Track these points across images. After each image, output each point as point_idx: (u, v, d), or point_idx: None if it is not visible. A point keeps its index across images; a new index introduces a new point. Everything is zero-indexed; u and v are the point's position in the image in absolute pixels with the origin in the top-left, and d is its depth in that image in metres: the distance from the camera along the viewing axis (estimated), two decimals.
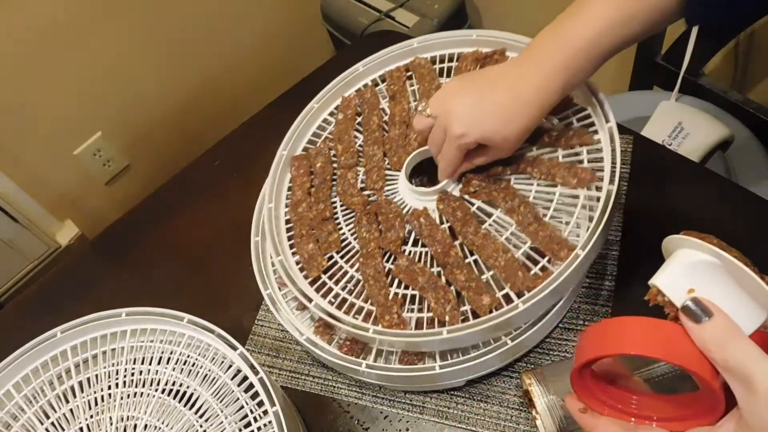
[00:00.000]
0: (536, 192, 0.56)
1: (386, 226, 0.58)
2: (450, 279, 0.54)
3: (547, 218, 0.54)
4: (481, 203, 0.57)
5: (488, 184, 0.57)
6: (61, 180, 1.38)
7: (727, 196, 0.66)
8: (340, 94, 0.71)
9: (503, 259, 0.52)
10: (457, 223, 0.56)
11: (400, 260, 0.56)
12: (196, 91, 1.51)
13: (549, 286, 0.48)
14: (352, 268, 0.58)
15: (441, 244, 0.55)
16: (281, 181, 0.67)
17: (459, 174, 0.58)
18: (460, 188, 0.58)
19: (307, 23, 1.67)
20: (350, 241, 0.60)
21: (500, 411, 0.56)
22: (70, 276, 0.82)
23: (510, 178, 0.58)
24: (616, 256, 0.62)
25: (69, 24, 1.24)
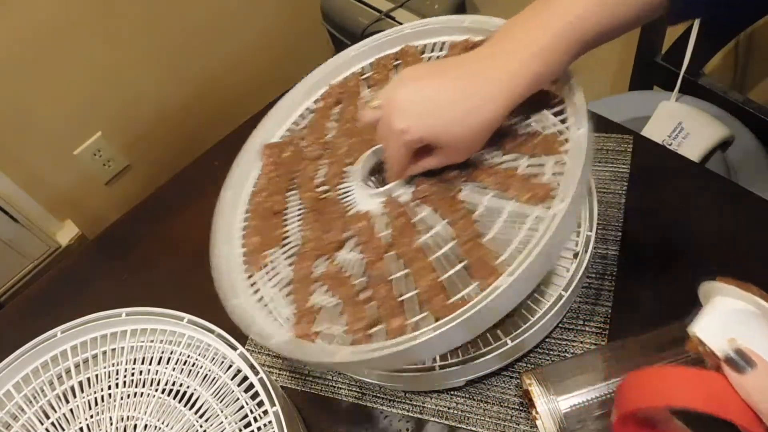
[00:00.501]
0: (487, 204, 0.48)
1: (326, 227, 0.54)
2: (373, 292, 0.49)
3: (490, 237, 0.46)
4: (429, 211, 0.50)
5: (438, 190, 0.51)
6: (61, 180, 1.38)
7: (727, 196, 0.66)
8: (328, 81, 0.68)
9: (427, 279, 0.46)
10: (396, 232, 0.50)
11: (330, 266, 0.52)
12: (196, 91, 1.51)
13: (457, 318, 0.41)
14: (289, 267, 0.54)
15: (374, 253, 0.50)
16: (253, 168, 0.64)
17: (410, 175, 0.52)
18: (412, 191, 0.52)
19: (307, 23, 1.67)
20: (297, 238, 0.56)
21: (500, 411, 0.56)
22: (70, 276, 0.82)
23: (462, 185, 0.50)
24: (616, 256, 0.62)
25: (69, 24, 1.24)
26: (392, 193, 0.53)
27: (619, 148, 0.71)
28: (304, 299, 0.51)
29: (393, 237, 0.50)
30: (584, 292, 0.61)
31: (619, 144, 0.71)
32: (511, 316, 0.57)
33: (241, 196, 0.62)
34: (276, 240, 0.57)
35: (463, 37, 0.61)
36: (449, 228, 0.48)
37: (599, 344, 0.57)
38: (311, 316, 0.50)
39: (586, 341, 0.58)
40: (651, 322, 0.51)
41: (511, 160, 0.50)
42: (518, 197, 0.47)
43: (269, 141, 0.65)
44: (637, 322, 0.57)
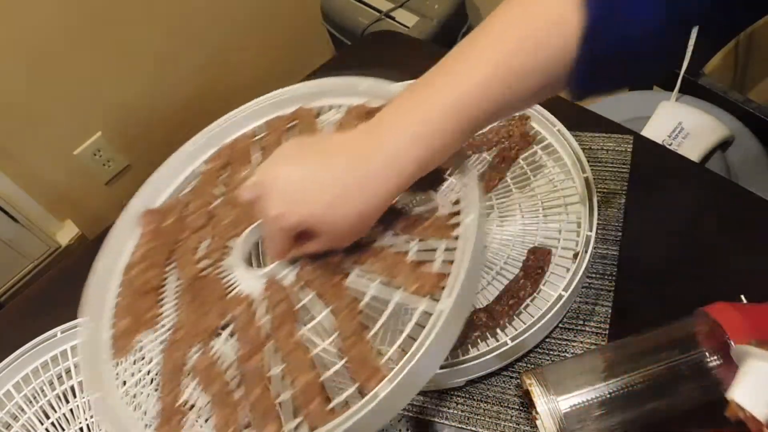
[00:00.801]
0: (374, 293, 0.43)
1: (203, 309, 0.49)
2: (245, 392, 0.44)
3: (374, 331, 0.42)
4: (313, 296, 0.46)
5: (324, 273, 0.46)
6: (61, 180, 1.39)
7: (727, 196, 0.66)
8: (219, 141, 0.62)
9: (306, 378, 0.41)
10: (275, 321, 0.45)
11: (204, 357, 0.46)
12: (196, 91, 1.51)
13: (337, 428, 0.37)
14: (161, 356, 0.49)
15: (251, 344, 0.45)
16: (131, 237, 0.57)
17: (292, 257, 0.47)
18: (296, 272, 0.47)
19: (307, 23, 1.67)
20: (173, 320, 0.50)
21: (500, 411, 0.56)
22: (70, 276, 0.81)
23: (350, 268, 0.46)
24: (616, 256, 0.62)
25: (69, 25, 1.24)
26: (275, 275, 0.48)
27: (619, 148, 0.71)
28: (173, 396, 0.45)
29: (273, 326, 0.45)
30: (584, 292, 0.61)
31: (619, 144, 0.71)
32: (512, 316, 0.57)
33: (115, 268, 0.55)
34: (149, 322, 0.50)
35: (360, 100, 0.57)
36: (333, 317, 0.44)
37: (599, 344, 0.57)
38: (179, 417, 0.44)
39: (586, 341, 0.58)
40: (651, 322, 0.52)
41: (401, 243, 0.46)
42: (406, 286, 0.42)
43: (151, 206, 0.60)
44: (637, 322, 0.57)
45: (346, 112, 0.56)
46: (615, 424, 0.49)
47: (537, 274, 0.59)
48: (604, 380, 0.49)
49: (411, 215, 0.47)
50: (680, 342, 0.49)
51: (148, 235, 0.56)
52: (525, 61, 0.38)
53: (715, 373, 0.48)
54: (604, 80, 0.41)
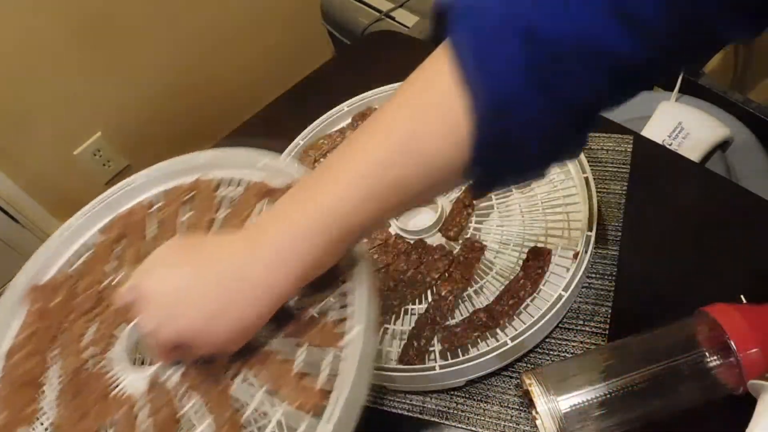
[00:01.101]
0: (257, 405, 0.41)
1: (82, 409, 0.45)
2: None
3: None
4: (197, 402, 0.43)
5: (209, 377, 0.43)
6: (61, 180, 1.39)
7: (727, 196, 0.66)
8: (115, 209, 0.58)
9: None
10: (156, 429, 0.42)
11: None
12: (195, 91, 1.51)
13: None
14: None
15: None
16: (16, 317, 0.53)
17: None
18: (181, 373, 0.44)
19: (307, 23, 1.67)
20: (51, 419, 0.46)
21: (500, 411, 0.56)
22: None
23: (236, 372, 0.43)
24: (616, 256, 0.62)
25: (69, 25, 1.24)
26: (159, 376, 0.44)
27: (619, 148, 0.71)
28: None
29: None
30: (584, 292, 0.61)
31: (619, 144, 0.71)
32: (512, 316, 0.57)
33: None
34: (28, 418, 0.46)
35: (260, 176, 0.55)
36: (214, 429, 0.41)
37: (599, 344, 0.57)
38: None
39: (586, 341, 0.58)
40: (651, 322, 0.52)
41: (290, 349, 0.43)
42: (290, 400, 0.40)
43: (39, 281, 0.55)
44: (637, 322, 0.57)
45: (245, 188, 0.55)
46: (615, 424, 0.49)
47: (537, 274, 0.59)
48: (604, 380, 0.49)
49: (302, 318, 0.44)
50: (680, 342, 0.49)
51: (33, 315, 0.52)
52: (402, 173, 0.36)
53: (715, 373, 0.48)
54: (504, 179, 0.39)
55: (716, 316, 0.48)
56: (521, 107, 0.33)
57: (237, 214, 0.53)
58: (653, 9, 0.30)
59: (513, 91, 0.33)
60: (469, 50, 0.33)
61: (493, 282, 0.61)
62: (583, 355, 0.55)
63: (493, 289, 0.60)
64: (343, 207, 0.36)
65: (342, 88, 0.82)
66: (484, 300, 0.60)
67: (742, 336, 0.47)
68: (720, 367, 0.47)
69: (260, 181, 0.54)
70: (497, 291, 0.60)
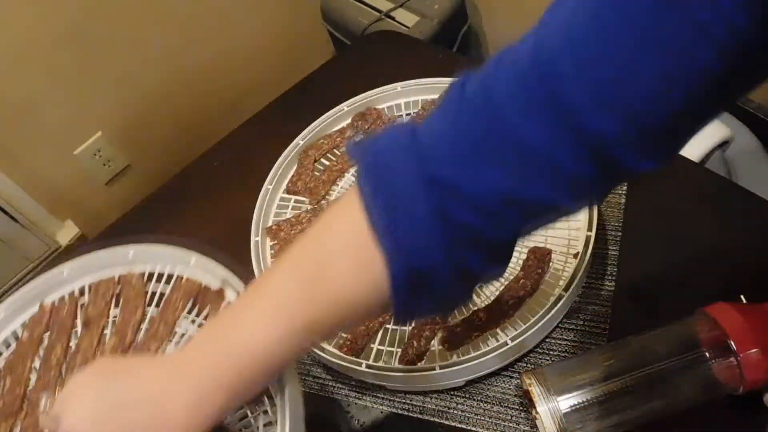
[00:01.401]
0: None
1: None
2: None
3: None
4: None
5: None
6: (61, 180, 1.38)
7: (727, 196, 0.66)
8: (41, 297, 0.57)
9: None
10: None
11: None
12: (195, 91, 1.51)
13: None
14: None
15: None
16: None
17: None
18: None
19: (307, 23, 1.67)
20: None
21: (500, 411, 0.56)
22: None
23: None
24: (616, 256, 0.62)
25: (69, 24, 1.24)
26: None
27: None
28: None
29: None
30: (584, 292, 0.61)
31: None
32: (512, 316, 0.57)
33: None
34: None
35: (191, 273, 0.55)
36: None
37: (599, 344, 0.57)
38: None
39: (586, 341, 0.58)
40: (651, 322, 0.52)
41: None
42: None
43: None
44: (637, 322, 0.57)
45: (174, 286, 0.55)
46: (615, 424, 0.49)
47: (537, 274, 0.59)
48: (604, 380, 0.49)
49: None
50: (680, 342, 0.49)
51: None
52: (315, 315, 0.36)
53: (715, 373, 0.48)
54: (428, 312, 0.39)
55: (716, 316, 0.48)
56: (436, 270, 0.33)
57: (165, 316, 0.53)
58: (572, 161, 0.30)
59: (425, 255, 0.33)
60: (376, 209, 0.33)
61: (493, 282, 0.61)
62: (583, 355, 0.55)
63: (493, 289, 0.60)
64: (262, 347, 0.36)
65: (342, 88, 0.82)
66: (484, 300, 0.60)
67: (742, 336, 0.47)
68: (720, 367, 0.47)
69: (192, 280, 0.54)
70: (497, 291, 0.60)
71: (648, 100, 0.28)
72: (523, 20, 1.53)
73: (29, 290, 0.58)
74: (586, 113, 0.28)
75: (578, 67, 0.28)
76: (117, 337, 0.53)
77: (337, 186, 0.73)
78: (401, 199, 0.33)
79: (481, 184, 0.31)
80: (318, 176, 0.74)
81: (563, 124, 0.29)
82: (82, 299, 0.58)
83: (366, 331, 0.60)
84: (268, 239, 0.68)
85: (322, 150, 0.75)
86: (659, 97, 0.28)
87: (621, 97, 0.28)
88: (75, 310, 0.57)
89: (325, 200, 0.72)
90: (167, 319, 0.54)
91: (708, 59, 0.26)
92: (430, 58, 0.92)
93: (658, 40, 0.26)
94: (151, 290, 0.57)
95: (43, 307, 0.57)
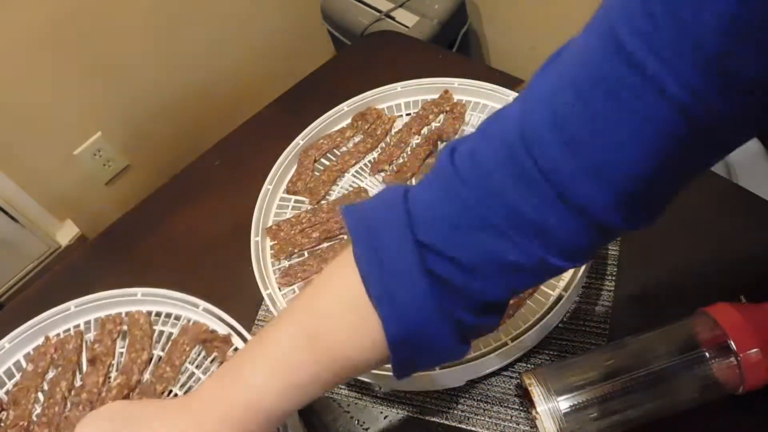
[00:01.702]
0: None
1: None
2: None
3: None
4: None
5: None
6: (61, 180, 1.39)
7: (727, 196, 0.66)
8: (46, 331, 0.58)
9: None
10: None
11: None
12: (196, 91, 1.51)
13: None
14: None
15: None
16: None
17: None
18: None
19: (307, 23, 1.67)
20: None
21: (500, 411, 0.56)
22: (70, 276, 0.82)
23: None
24: (616, 256, 0.62)
25: (69, 24, 1.24)
26: None
27: None
28: None
29: None
30: (584, 292, 0.61)
31: None
32: (511, 316, 0.57)
33: None
34: None
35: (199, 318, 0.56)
36: None
37: (599, 344, 0.57)
38: None
39: (586, 341, 0.58)
40: (651, 322, 0.52)
41: None
42: None
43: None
44: (637, 322, 0.57)
45: (182, 329, 0.56)
46: (615, 424, 0.49)
47: None
48: (604, 380, 0.49)
49: None
50: (680, 342, 0.49)
51: None
52: (315, 369, 0.37)
53: (715, 373, 0.48)
54: (426, 366, 0.40)
55: (716, 316, 0.48)
56: (431, 330, 0.35)
57: (172, 359, 0.55)
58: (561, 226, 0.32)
59: (420, 317, 0.34)
60: (371, 277, 0.35)
61: None
62: (583, 355, 0.55)
63: None
64: (263, 401, 0.37)
65: (342, 88, 0.82)
66: None
67: (742, 336, 0.47)
68: (720, 367, 0.47)
69: (199, 323, 0.56)
70: None
71: (631, 168, 0.29)
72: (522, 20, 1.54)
73: (34, 323, 0.59)
74: (573, 184, 0.30)
75: (563, 143, 0.30)
76: (124, 376, 0.54)
77: (337, 186, 0.73)
78: (393, 263, 0.34)
79: (470, 249, 0.33)
80: (318, 176, 0.74)
81: (551, 193, 0.31)
82: (88, 334, 0.59)
83: None
84: (268, 239, 0.68)
85: (322, 150, 0.75)
86: (641, 165, 0.29)
87: (606, 168, 0.29)
88: (81, 344, 0.58)
89: (325, 200, 0.72)
90: (174, 362, 0.55)
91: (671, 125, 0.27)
92: (430, 58, 0.92)
93: (633, 110, 0.28)
94: (158, 330, 0.58)
95: (49, 339, 0.58)
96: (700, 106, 0.26)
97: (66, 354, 0.57)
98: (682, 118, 0.27)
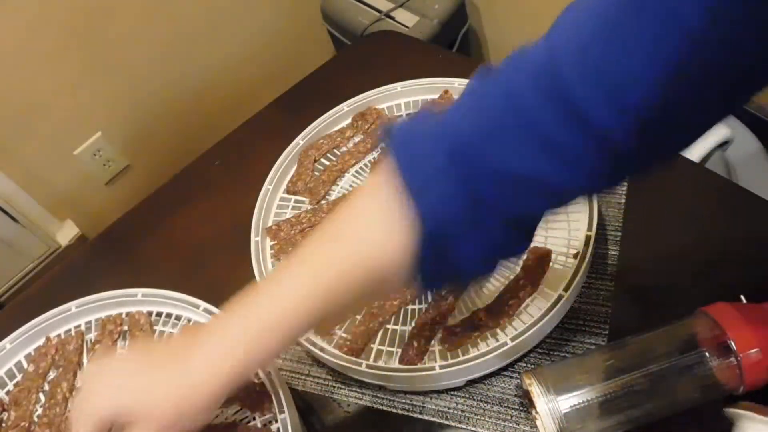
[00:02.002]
0: None
1: None
2: None
3: None
4: None
5: None
6: (61, 180, 1.39)
7: (727, 196, 0.66)
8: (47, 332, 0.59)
9: None
10: None
11: None
12: (196, 91, 1.51)
13: None
14: None
15: None
16: None
17: None
18: None
19: (307, 23, 1.67)
20: None
21: (500, 411, 0.56)
22: (70, 276, 0.82)
23: None
24: (616, 256, 0.62)
25: (69, 24, 1.24)
26: None
27: None
28: None
29: None
30: (584, 292, 0.61)
31: None
32: (511, 316, 0.57)
33: None
34: None
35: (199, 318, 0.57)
36: None
37: (599, 344, 0.57)
38: None
39: (586, 341, 0.58)
40: (651, 322, 0.52)
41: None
42: None
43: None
44: (637, 322, 0.57)
45: (183, 328, 0.57)
46: (615, 424, 0.49)
47: (537, 274, 0.59)
48: (604, 380, 0.49)
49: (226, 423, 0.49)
50: (680, 342, 0.49)
51: None
52: (344, 268, 0.38)
53: (715, 373, 0.48)
54: (448, 283, 0.43)
55: (716, 316, 0.48)
56: (460, 233, 0.36)
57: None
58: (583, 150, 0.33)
59: (450, 219, 0.36)
60: (409, 175, 0.36)
61: (493, 282, 0.61)
62: (583, 355, 0.55)
63: (493, 289, 0.60)
64: (289, 302, 0.39)
65: (342, 88, 0.82)
66: (485, 300, 0.60)
67: (742, 336, 0.47)
68: (720, 367, 0.47)
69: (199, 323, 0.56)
70: (497, 291, 0.60)
71: (650, 95, 0.30)
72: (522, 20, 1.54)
73: (35, 323, 0.59)
74: (593, 110, 0.31)
75: (586, 71, 0.31)
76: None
77: (337, 186, 0.73)
78: (429, 163, 0.36)
79: (501, 160, 0.34)
80: (318, 176, 0.74)
81: (574, 118, 0.32)
82: (88, 335, 0.59)
83: (366, 331, 0.60)
84: (268, 239, 0.68)
85: (322, 150, 0.76)
86: (661, 93, 0.30)
87: (625, 95, 0.31)
88: (81, 345, 0.58)
89: (325, 200, 0.72)
90: None
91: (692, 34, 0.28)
92: (430, 58, 0.92)
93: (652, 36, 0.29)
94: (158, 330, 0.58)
95: (49, 340, 0.58)
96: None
97: (67, 354, 0.57)
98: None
